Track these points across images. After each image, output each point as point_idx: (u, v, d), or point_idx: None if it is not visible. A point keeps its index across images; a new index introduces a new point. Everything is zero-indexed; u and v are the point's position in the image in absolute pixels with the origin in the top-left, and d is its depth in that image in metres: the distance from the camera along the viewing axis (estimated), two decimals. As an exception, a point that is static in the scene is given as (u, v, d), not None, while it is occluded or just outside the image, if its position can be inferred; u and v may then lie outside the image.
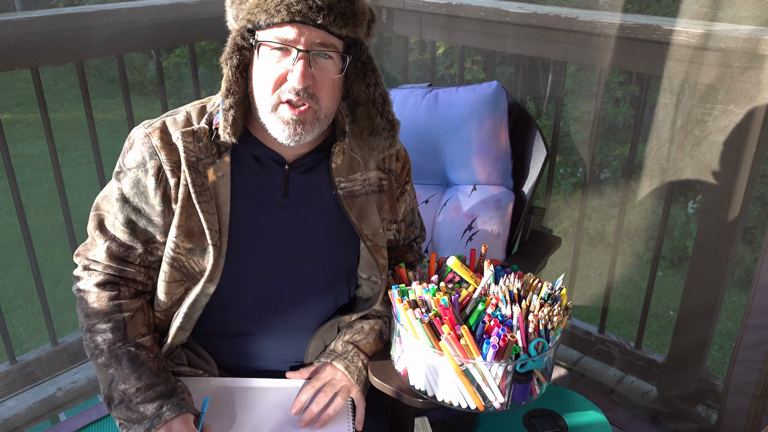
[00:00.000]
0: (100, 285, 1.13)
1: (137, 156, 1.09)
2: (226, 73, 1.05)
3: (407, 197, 1.31)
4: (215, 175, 1.09)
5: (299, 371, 1.20)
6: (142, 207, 1.10)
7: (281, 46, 1.01)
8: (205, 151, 1.09)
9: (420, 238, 1.42)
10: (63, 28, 1.60)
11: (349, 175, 1.18)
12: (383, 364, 1.20)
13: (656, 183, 1.71)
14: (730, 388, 1.59)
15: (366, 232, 1.18)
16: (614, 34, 1.63)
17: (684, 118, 1.58)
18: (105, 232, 1.14)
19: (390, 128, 1.13)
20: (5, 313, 1.79)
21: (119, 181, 1.11)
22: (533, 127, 1.71)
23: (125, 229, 1.12)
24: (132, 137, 1.11)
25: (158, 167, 1.08)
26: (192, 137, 1.08)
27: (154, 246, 1.14)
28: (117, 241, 1.13)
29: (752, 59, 1.42)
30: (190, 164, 1.07)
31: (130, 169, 1.10)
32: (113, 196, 1.12)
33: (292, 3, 0.97)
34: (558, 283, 1.17)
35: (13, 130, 5.02)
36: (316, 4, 0.98)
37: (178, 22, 1.83)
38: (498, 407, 1.07)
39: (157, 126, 1.10)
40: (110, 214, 1.13)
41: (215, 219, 1.09)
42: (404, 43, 2.18)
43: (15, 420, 1.76)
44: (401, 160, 1.27)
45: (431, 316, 1.05)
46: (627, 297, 3.03)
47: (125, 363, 1.09)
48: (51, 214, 3.85)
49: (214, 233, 1.08)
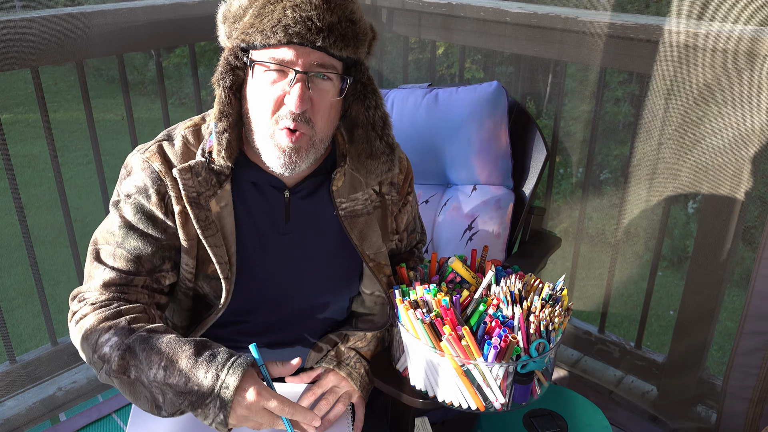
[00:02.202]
0: (97, 305, 1.02)
1: (137, 182, 1.03)
2: (218, 95, 0.99)
3: (409, 207, 1.28)
4: (218, 206, 1.05)
5: (299, 376, 1.17)
6: (151, 233, 1.04)
7: (278, 68, 0.95)
8: (204, 184, 1.03)
9: (421, 242, 1.41)
10: (63, 28, 1.60)
11: (350, 195, 1.14)
12: (383, 364, 1.20)
13: (656, 183, 1.71)
14: (727, 393, 1.59)
15: (368, 252, 1.16)
16: (614, 34, 1.63)
17: (684, 118, 1.58)
18: (104, 263, 1.04)
19: (389, 152, 1.09)
20: (5, 313, 1.79)
21: (119, 210, 1.05)
22: (533, 127, 1.71)
23: (130, 257, 1.03)
24: (128, 164, 1.05)
25: (162, 192, 1.03)
26: (190, 173, 1.02)
27: (161, 275, 1.06)
28: (117, 270, 1.03)
29: (748, 60, 1.42)
30: (192, 200, 1.02)
31: (130, 195, 1.04)
32: (115, 225, 1.04)
33: (289, 24, 0.91)
34: (559, 284, 1.17)
35: (13, 130, 5.02)
36: (316, 26, 0.92)
37: (178, 22, 1.83)
38: (498, 408, 1.07)
39: (155, 150, 1.04)
40: (110, 245, 1.04)
41: (224, 251, 1.05)
42: (404, 43, 2.18)
43: (15, 420, 1.76)
44: (403, 171, 1.23)
45: (432, 316, 1.05)
46: (627, 297, 3.03)
47: (139, 348, 0.95)
48: (51, 214, 3.85)
49: (224, 266, 1.04)
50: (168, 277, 1.07)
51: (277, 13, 0.92)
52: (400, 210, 1.25)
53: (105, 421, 1.89)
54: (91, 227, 1.12)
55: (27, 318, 2.95)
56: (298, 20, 0.91)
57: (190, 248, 1.05)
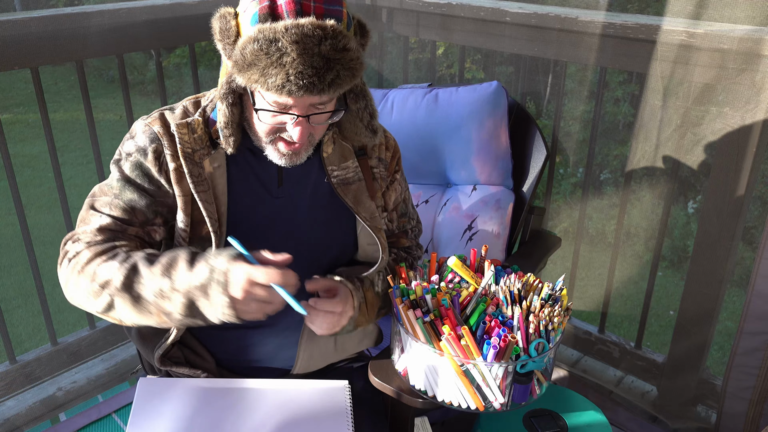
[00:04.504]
0: (93, 243, 1.06)
1: (138, 143, 1.11)
2: (222, 110, 1.06)
3: (397, 186, 1.32)
4: (211, 166, 1.11)
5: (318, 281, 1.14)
6: (146, 187, 1.10)
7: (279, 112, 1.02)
8: (200, 142, 1.11)
9: (416, 229, 1.42)
10: (63, 28, 1.60)
11: (341, 164, 1.20)
12: (383, 364, 1.20)
13: (656, 183, 1.71)
14: (727, 393, 1.59)
15: (364, 214, 1.20)
16: (614, 33, 1.63)
17: (684, 118, 1.58)
18: (99, 211, 1.09)
19: (372, 135, 1.18)
20: (5, 313, 1.79)
21: (119, 166, 1.11)
22: (533, 127, 1.71)
23: (126, 207, 1.08)
24: (133, 129, 1.14)
25: (158, 151, 1.09)
26: (187, 129, 1.10)
27: (151, 228, 1.12)
28: (113, 218, 1.08)
29: (748, 60, 1.42)
30: (186, 155, 1.09)
31: (130, 154, 1.11)
32: (113, 179, 1.11)
33: (293, 90, 0.95)
34: (558, 284, 1.17)
35: (13, 130, 5.02)
36: (317, 87, 0.96)
37: (178, 22, 1.83)
38: (498, 407, 1.07)
39: (156, 117, 1.13)
40: (108, 196, 1.10)
41: (214, 209, 1.10)
42: (404, 43, 2.18)
43: (15, 420, 1.76)
44: (391, 149, 1.29)
45: (432, 316, 1.05)
46: (627, 297, 3.02)
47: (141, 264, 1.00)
48: (51, 213, 3.85)
49: (214, 222, 1.09)
50: (159, 232, 1.13)
51: (280, 77, 0.95)
52: (388, 187, 1.30)
53: (105, 421, 1.90)
54: (91, 227, 1.13)
55: (27, 318, 2.95)
56: (300, 86, 0.95)
57: (185, 205, 1.10)
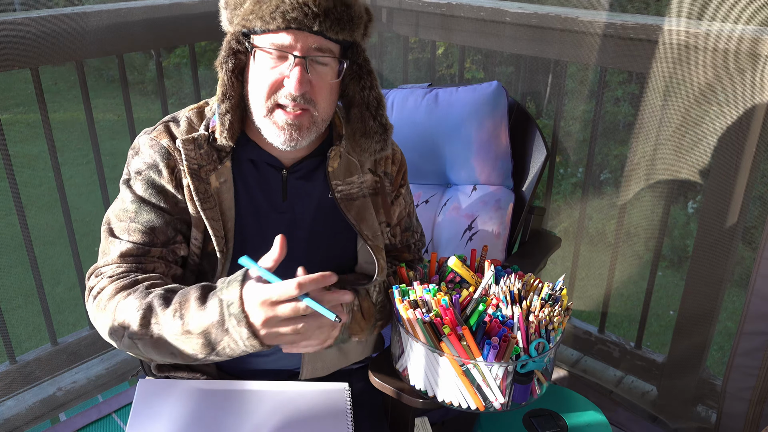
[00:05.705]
0: (115, 277, 1.02)
1: (146, 159, 1.07)
2: (221, 78, 1.04)
3: (402, 201, 1.30)
4: (218, 181, 1.09)
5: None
6: (162, 205, 1.07)
7: (277, 53, 1.00)
8: (206, 157, 1.08)
9: (420, 242, 1.41)
10: (62, 27, 1.60)
11: (346, 178, 1.18)
12: (383, 364, 1.20)
13: (656, 183, 1.71)
14: (727, 394, 1.59)
15: (366, 232, 1.19)
16: (614, 33, 1.63)
17: (684, 118, 1.58)
18: (119, 238, 1.06)
19: (382, 132, 1.13)
20: (5, 313, 1.79)
21: (130, 188, 1.08)
22: (533, 127, 1.71)
23: (145, 229, 1.05)
24: (136, 145, 1.10)
25: (172, 166, 1.07)
26: (193, 144, 1.07)
27: (175, 246, 1.08)
28: (134, 243, 1.05)
29: (748, 60, 1.42)
30: (192, 172, 1.06)
31: (141, 172, 1.07)
32: (127, 202, 1.07)
33: (287, 10, 0.96)
34: (558, 284, 1.17)
35: (13, 130, 5.03)
36: (312, 11, 0.97)
37: (177, 21, 1.83)
38: (498, 407, 1.07)
39: (162, 130, 1.09)
40: (124, 221, 1.06)
41: (220, 225, 1.08)
42: (404, 43, 2.18)
43: (15, 420, 1.76)
44: (397, 163, 1.27)
45: (432, 316, 1.05)
46: (627, 297, 3.03)
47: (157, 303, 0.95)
48: (51, 214, 3.85)
49: (220, 239, 1.07)
50: (182, 248, 1.09)
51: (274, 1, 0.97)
52: (393, 202, 1.28)
53: (105, 421, 1.89)
54: (91, 227, 1.13)
55: (27, 318, 2.95)
56: (295, 6, 0.97)
57: (197, 222, 1.08)
